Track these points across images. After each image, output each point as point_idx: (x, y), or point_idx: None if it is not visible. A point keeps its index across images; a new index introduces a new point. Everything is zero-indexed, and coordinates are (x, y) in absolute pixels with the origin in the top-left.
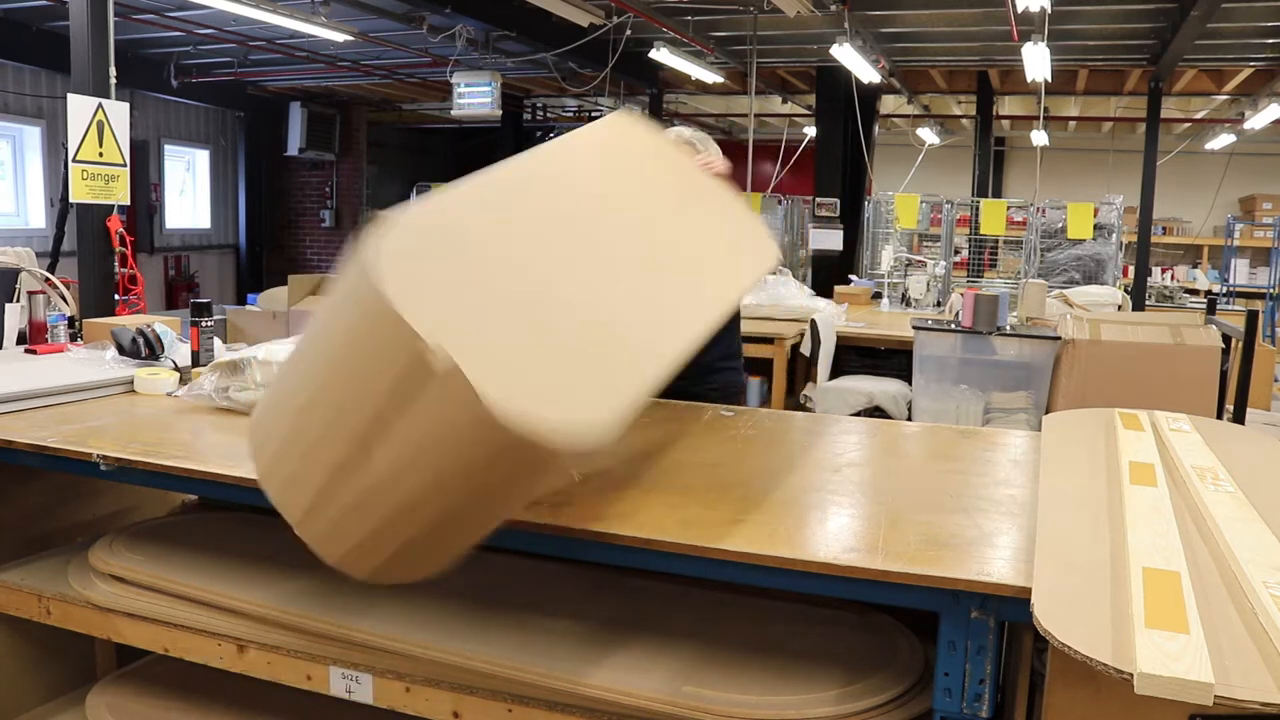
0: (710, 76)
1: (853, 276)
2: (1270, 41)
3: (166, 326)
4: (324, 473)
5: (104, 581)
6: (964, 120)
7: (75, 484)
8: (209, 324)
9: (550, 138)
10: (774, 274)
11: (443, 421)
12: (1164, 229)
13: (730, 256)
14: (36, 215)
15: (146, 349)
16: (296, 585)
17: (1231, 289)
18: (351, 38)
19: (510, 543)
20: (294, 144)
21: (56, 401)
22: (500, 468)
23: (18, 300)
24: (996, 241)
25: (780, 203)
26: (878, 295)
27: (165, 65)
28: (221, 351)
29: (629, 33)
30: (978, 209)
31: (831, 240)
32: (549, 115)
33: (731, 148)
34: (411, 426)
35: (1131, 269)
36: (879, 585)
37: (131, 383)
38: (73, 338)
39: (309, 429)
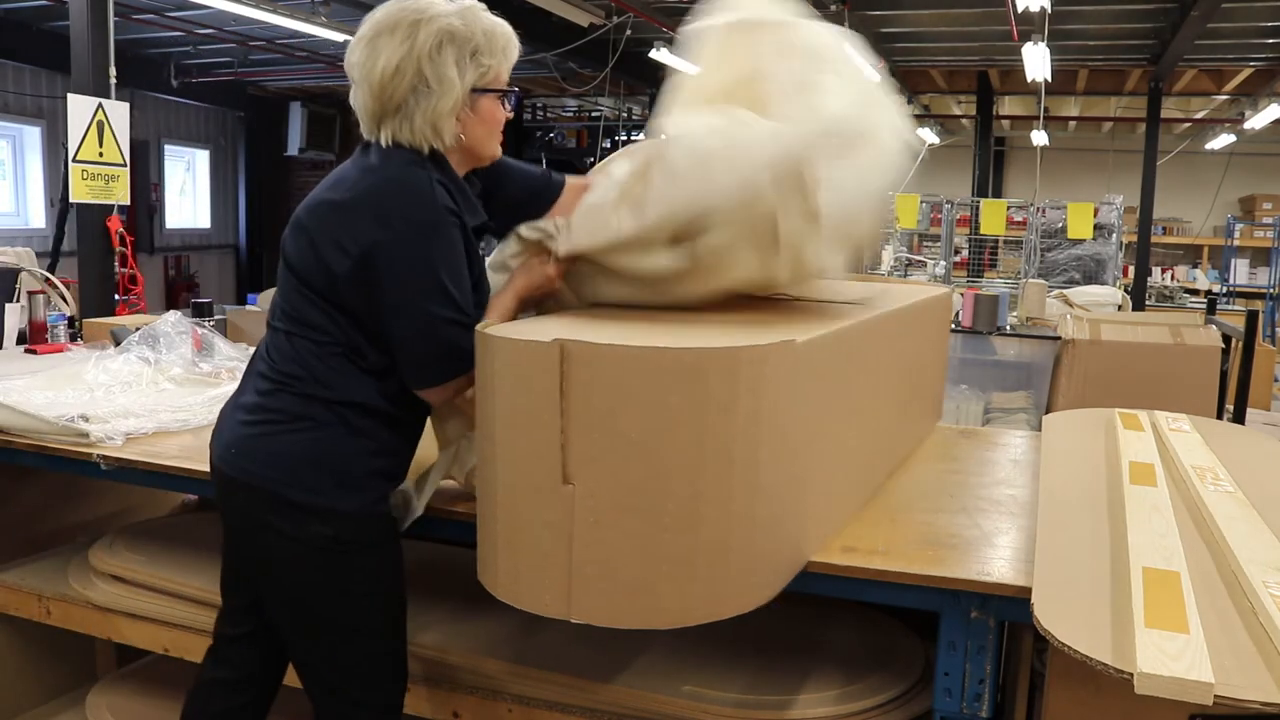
0: None
1: None
2: (1270, 41)
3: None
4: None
5: (104, 581)
6: (964, 120)
7: (75, 484)
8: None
9: (550, 138)
10: None
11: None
12: (1164, 229)
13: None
14: (36, 215)
15: None
16: None
17: (1231, 289)
18: (352, 38)
19: None
20: (294, 144)
21: None
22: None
23: (18, 300)
24: (996, 241)
25: None
26: None
27: (165, 65)
28: (225, 351)
29: (629, 33)
30: (978, 209)
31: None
32: (549, 115)
33: None
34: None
35: (1131, 269)
36: (879, 585)
37: None
38: (73, 338)
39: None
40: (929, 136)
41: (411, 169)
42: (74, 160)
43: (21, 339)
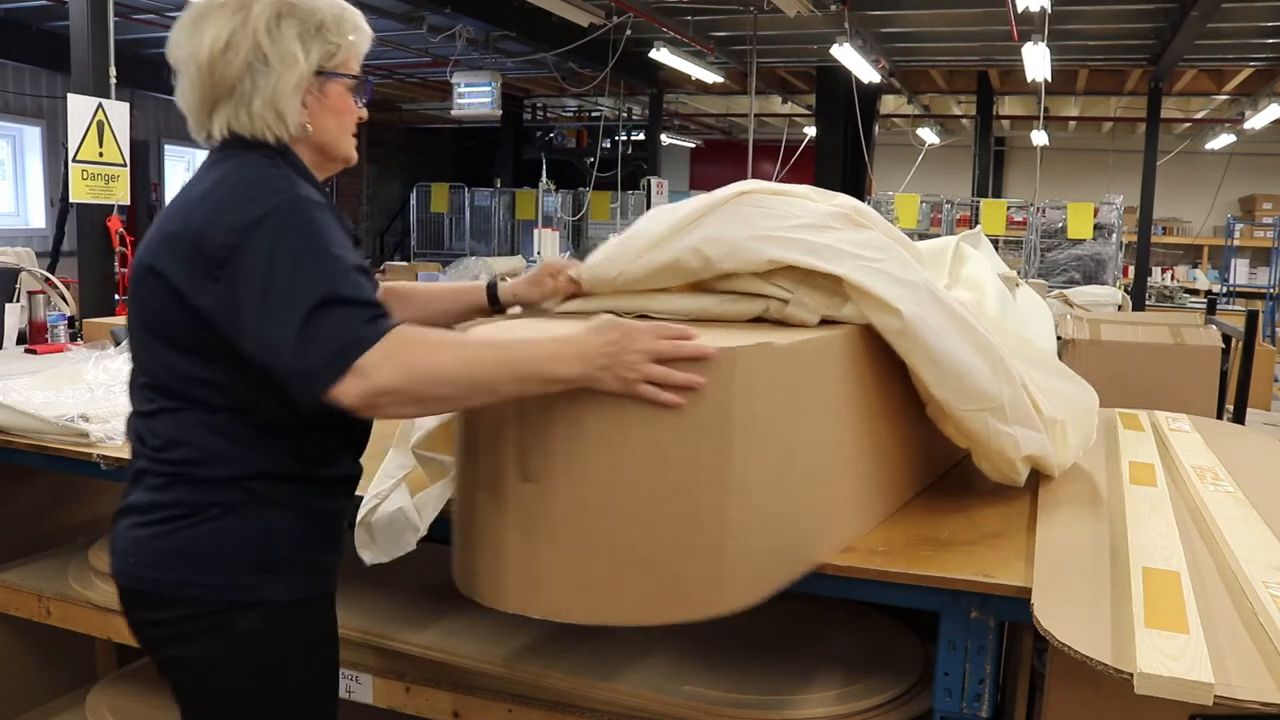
0: (710, 76)
1: None
2: (1270, 41)
3: None
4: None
5: (104, 581)
6: (964, 120)
7: (75, 484)
8: None
9: (550, 138)
10: None
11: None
12: (1164, 229)
13: None
14: (36, 215)
15: None
16: None
17: (1231, 289)
18: None
19: None
20: None
21: None
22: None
23: (18, 300)
24: (996, 241)
25: None
26: None
27: (165, 65)
28: None
29: (629, 33)
30: (978, 209)
31: None
32: (549, 115)
33: (731, 148)
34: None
35: (1131, 269)
36: (879, 585)
37: None
38: (73, 338)
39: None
40: (929, 136)
41: (258, 168)
42: (74, 160)
43: (21, 339)
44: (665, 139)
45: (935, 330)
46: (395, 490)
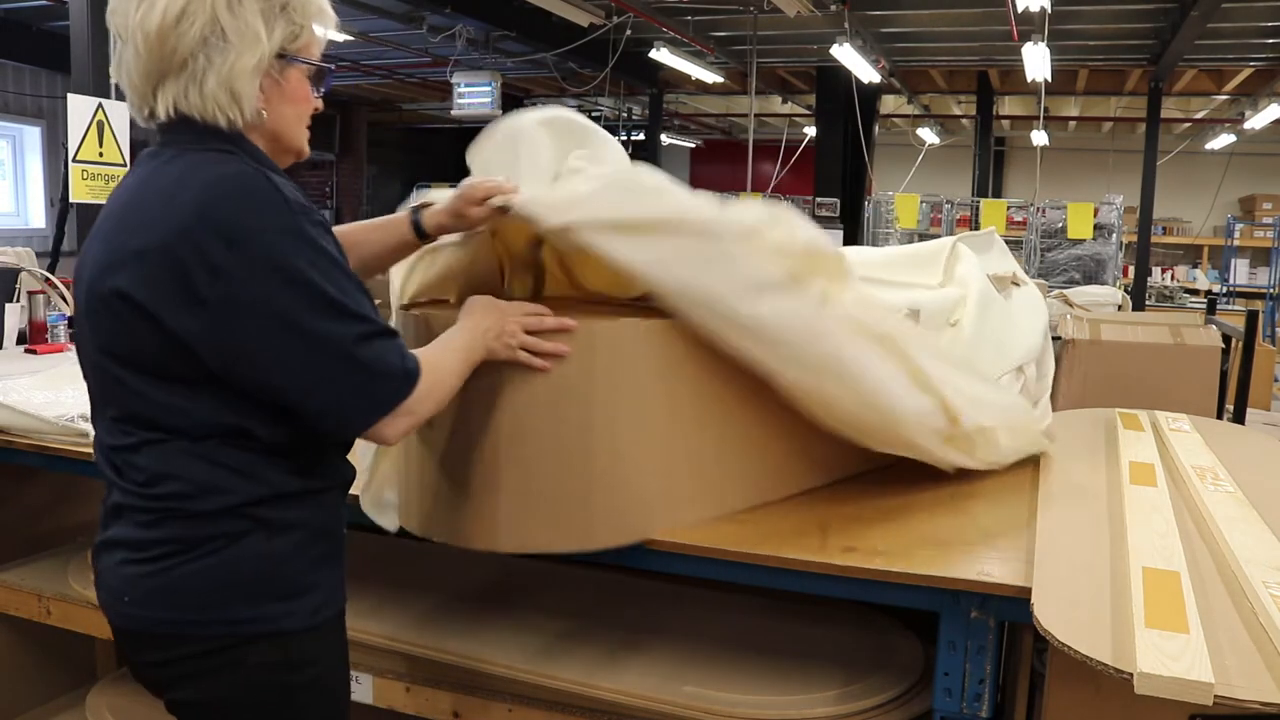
0: (710, 76)
1: None
2: (1270, 41)
3: None
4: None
5: None
6: (964, 120)
7: (75, 484)
8: None
9: None
10: None
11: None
12: (1164, 229)
13: None
14: (36, 215)
15: None
16: None
17: (1231, 289)
18: (351, 38)
19: None
20: None
21: None
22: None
23: (18, 300)
24: None
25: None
26: None
27: None
28: None
29: (629, 33)
30: (978, 209)
31: (831, 241)
32: None
33: (731, 148)
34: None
35: (1131, 269)
36: (879, 585)
37: None
38: (73, 338)
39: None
40: (929, 136)
41: (224, 164)
42: (74, 160)
43: (21, 339)
44: (665, 139)
45: (819, 391)
46: (370, 451)
